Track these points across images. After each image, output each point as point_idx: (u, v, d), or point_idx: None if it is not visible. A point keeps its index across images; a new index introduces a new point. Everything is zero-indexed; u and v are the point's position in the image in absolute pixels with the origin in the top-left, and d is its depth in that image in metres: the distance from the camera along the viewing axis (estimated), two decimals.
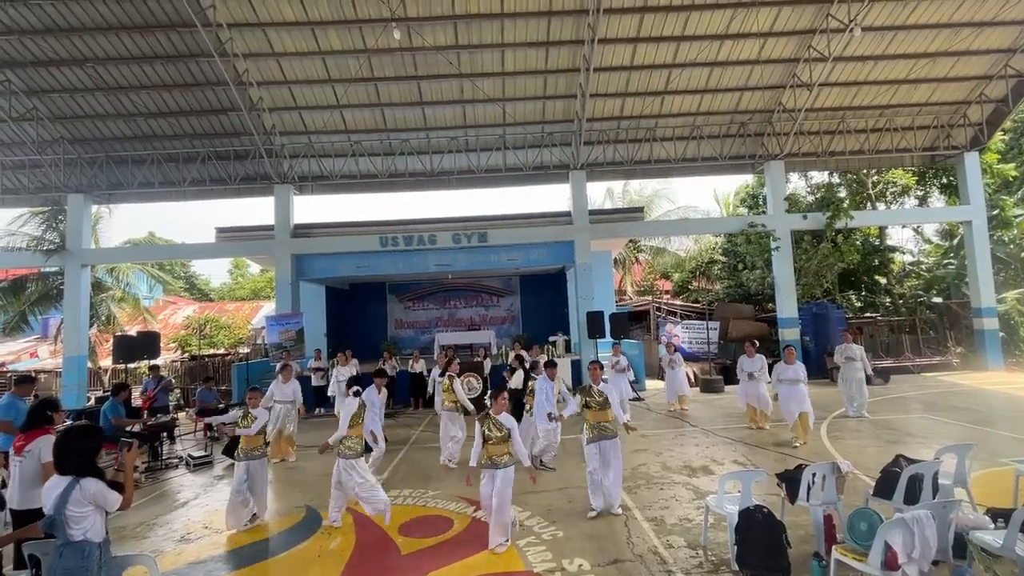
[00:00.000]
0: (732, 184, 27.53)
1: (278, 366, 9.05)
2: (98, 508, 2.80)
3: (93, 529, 2.77)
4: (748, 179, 21.86)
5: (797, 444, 7.39)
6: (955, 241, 18.17)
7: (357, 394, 5.57)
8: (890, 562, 3.11)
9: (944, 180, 18.64)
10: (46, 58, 12.37)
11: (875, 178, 19.32)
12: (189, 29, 11.59)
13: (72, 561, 2.69)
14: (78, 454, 2.83)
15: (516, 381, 8.84)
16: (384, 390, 7.19)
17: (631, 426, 5.64)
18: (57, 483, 2.77)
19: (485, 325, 19.03)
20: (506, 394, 5.01)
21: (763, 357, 9.01)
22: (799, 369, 7.82)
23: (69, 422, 6.84)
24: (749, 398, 8.84)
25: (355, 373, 9.67)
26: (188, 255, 22.92)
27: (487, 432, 4.71)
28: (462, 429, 7.41)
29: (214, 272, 40.76)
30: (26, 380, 5.85)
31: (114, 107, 13.61)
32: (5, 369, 17.25)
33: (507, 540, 4.58)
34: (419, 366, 12.11)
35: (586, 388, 5.51)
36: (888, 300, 19.20)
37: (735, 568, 3.88)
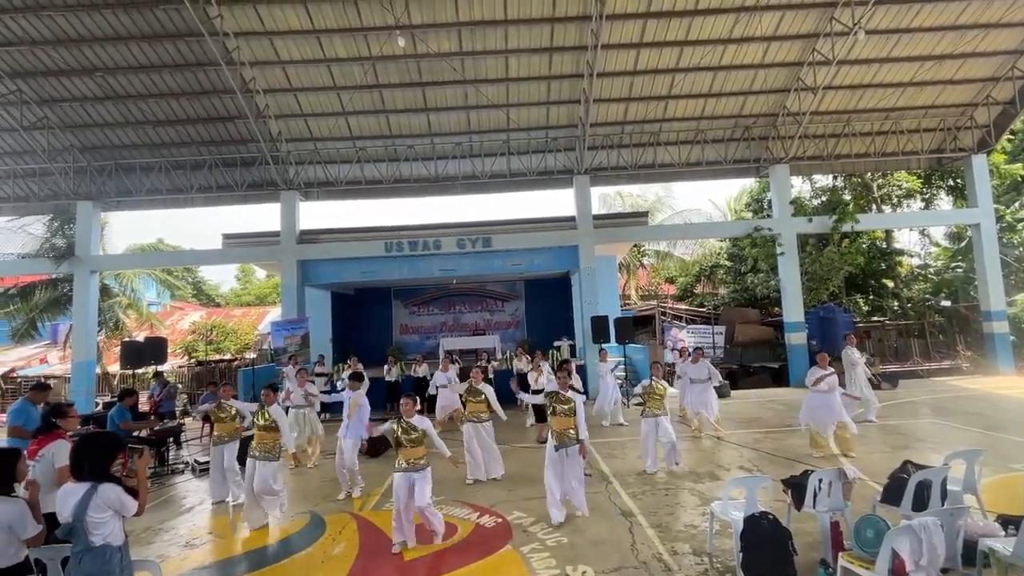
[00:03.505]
0: (730, 189, 27.42)
1: (294, 371, 9.11)
2: (116, 513, 2.84)
3: (113, 534, 2.80)
4: (750, 183, 21.80)
5: (818, 455, 6.97)
6: (963, 244, 18.02)
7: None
8: (898, 570, 3.07)
9: (951, 182, 18.51)
10: (57, 68, 12.57)
11: (880, 181, 19.22)
12: (196, 38, 11.74)
13: (93, 566, 2.71)
14: (95, 460, 2.86)
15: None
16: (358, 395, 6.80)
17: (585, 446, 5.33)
18: (74, 490, 2.79)
19: (490, 330, 19.03)
20: (415, 397, 5.06)
21: (708, 362, 8.90)
22: (833, 377, 7.18)
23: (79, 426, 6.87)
24: (695, 405, 8.70)
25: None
26: (195, 261, 23.10)
27: (400, 436, 4.75)
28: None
29: (224, 279, 41.06)
30: (41, 387, 5.92)
31: (123, 115, 13.79)
32: (15, 375, 17.44)
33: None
34: (421, 370, 12.11)
35: (554, 394, 5.35)
36: (896, 304, 19.05)
37: (741, 575, 3.85)
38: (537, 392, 8.74)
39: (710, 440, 8.37)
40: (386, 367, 12.13)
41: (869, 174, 18.44)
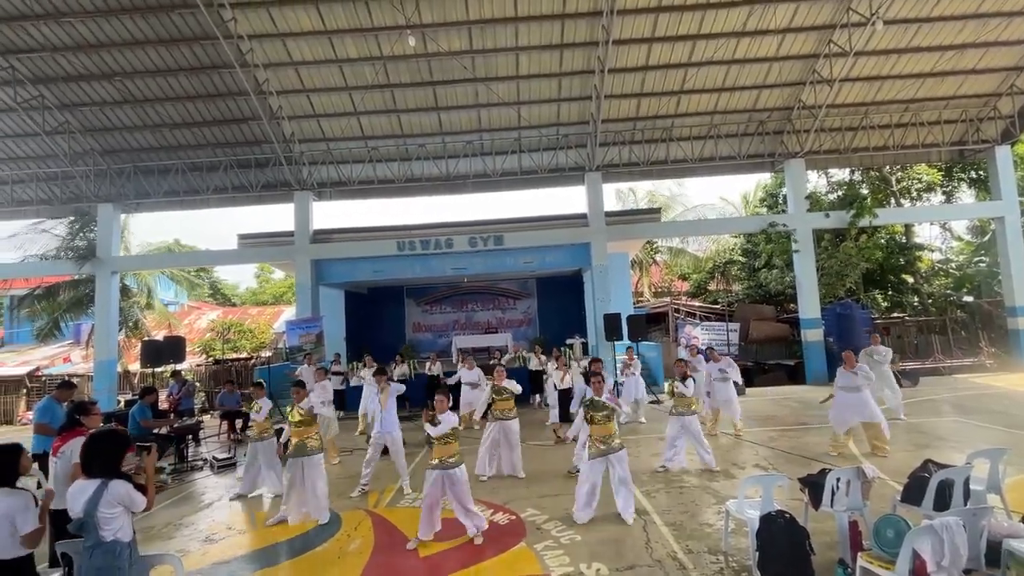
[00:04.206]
0: (746, 184, 27.05)
1: (311, 370, 9.23)
2: (126, 509, 2.89)
3: (123, 529, 2.86)
4: (764, 178, 21.48)
5: (834, 454, 6.91)
6: (987, 238, 17.58)
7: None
8: (918, 570, 3.02)
9: (973, 174, 18.06)
10: (77, 73, 12.85)
11: (899, 174, 18.81)
12: (211, 41, 11.91)
13: (103, 560, 2.77)
14: (104, 457, 2.91)
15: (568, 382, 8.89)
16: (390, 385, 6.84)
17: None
18: (85, 486, 2.84)
19: (502, 328, 19.06)
20: (448, 395, 5.09)
21: (730, 359, 8.80)
22: (859, 375, 7.03)
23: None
24: (717, 402, 8.58)
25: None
26: (211, 261, 23.49)
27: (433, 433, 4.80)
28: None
29: (242, 278, 41.68)
30: (66, 385, 6.07)
31: (141, 119, 14.06)
32: (40, 373, 17.90)
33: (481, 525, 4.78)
34: (436, 368, 12.16)
35: (591, 402, 5.25)
36: (916, 300, 18.65)
37: (757, 574, 3.81)
38: (565, 391, 8.75)
39: (726, 438, 8.29)
40: (392, 365, 12.20)
41: (887, 167, 18.05)
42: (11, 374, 17.54)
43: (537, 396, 11.96)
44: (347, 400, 12.03)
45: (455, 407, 9.86)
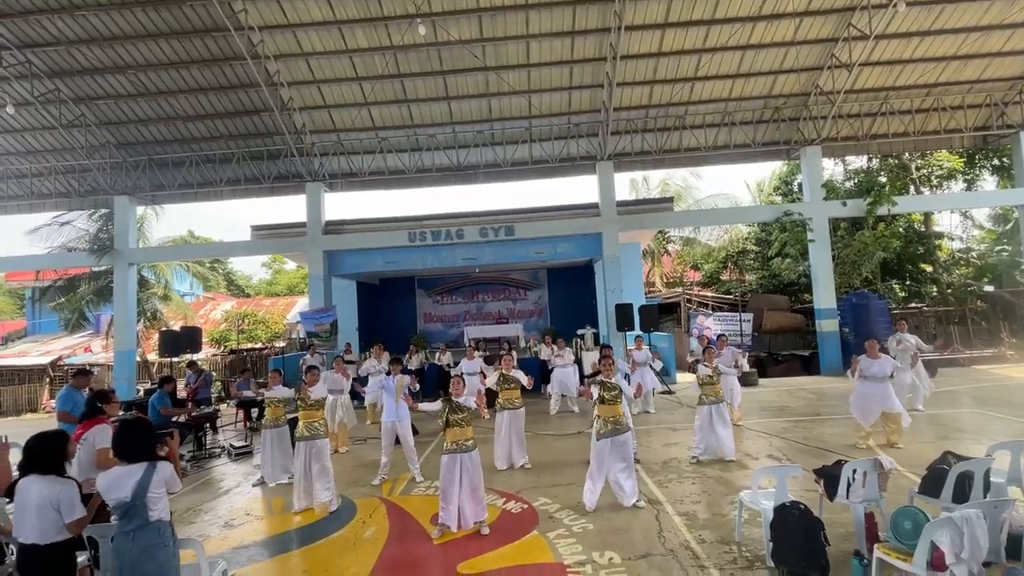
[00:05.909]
0: (762, 172, 26.57)
1: (316, 361, 9.32)
2: (166, 489, 3.03)
3: (164, 509, 3.00)
4: (778, 165, 21.10)
5: (862, 446, 6.79)
6: (1009, 226, 17.16)
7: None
8: (936, 562, 2.99)
9: (996, 161, 17.60)
10: (91, 67, 12.97)
11: (919, 161, 18.37)
12: (223, 33, 11.94)
13: (148, 540, 2.89)
14: (145, 442, 3.05)
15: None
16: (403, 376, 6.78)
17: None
18: (130, 471, 2.91)
19: (513, 319, 19.06)
20: (463, 379, 5.16)
21: (733, 348, 8.76)
22: (885, 364, 6.88)
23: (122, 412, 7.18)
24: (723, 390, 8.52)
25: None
26: (225, 253, 23.79)
27: (448, 416, 4.80)
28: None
29: (253, 270, 42.15)
30: (82, 373, 6.23)
31: (155, 112, 14.18)
32: (62, 362, 18.33)
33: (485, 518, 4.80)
34: (444, 359, 12.24)
35: (600, 383, 5.31)
36: (935, 289, 18.30)
37: (771, 564, 3.80)
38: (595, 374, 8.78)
39: (738, 429, 8.24)
40: (407, 355, 12.32)
41: (907, 154, 17.63)
42: (35, 363, 18.00)
43: (547, 387, 11.98)
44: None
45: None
